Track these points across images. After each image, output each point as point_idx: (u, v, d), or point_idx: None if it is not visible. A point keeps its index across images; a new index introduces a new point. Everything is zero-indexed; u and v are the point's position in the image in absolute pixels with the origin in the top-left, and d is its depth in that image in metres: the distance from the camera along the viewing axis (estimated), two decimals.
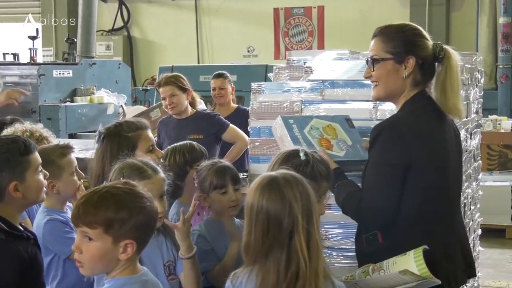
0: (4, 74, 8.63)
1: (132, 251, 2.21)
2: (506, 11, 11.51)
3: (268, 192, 2.33)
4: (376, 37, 3.04)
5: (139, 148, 3.48)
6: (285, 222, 2.28)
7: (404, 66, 2.95)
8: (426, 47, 2.98)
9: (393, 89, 3.03)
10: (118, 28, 15.28)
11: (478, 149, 4.55)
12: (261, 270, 2.28)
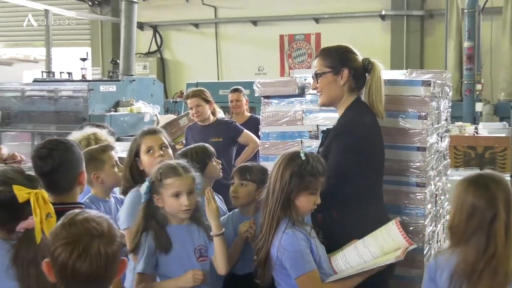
0: (61, 89, 8.66)
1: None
2: (470, 36, 11.46)
3: (474, 187, 2.38)
4: (317, 57, 3.18)
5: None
6: (487, 213, 2.32)
7: (340, 76, 3.07)
8: (356, 61, 3.13)
9: (333, 96, 3.14)
10: (152, 52, 15.30)
11: (447, 149, 4.53)
12: (463, 250, 2.31)
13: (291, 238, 2.69)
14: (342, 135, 3.04)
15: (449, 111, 4.58)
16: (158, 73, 14.72)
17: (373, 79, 3.13)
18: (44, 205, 2.41)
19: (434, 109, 3.78)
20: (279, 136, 3.85)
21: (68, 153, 2.91)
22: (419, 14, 13.26)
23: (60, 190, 2.91)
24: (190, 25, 15.05)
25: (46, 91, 8.74)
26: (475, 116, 11.16)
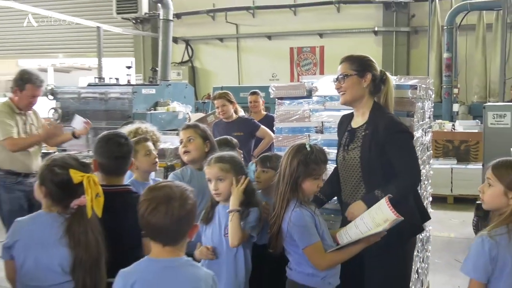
0: (110, 92, 8.70)
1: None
2: (448, 49, 11.44)
3: None
4: (344, 62, 3.09)
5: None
6: None
7: (364, 80, 3.01)
8: (377, 69, 3.08)
9: (357, 96, 3.06)
10: (185, 61, 15.32)
11: (430, 142, 4.52)
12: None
13: (299, 215, 2.69)
14: (398, 133, 3.00)
15: (432, 111, 4.57)
16: (189, 79, 14.75)
17: (389, 87, 3.12)
18: (94, 186, 2.44)
19: (419, 108, 3.77)
20: (290, 130, 3.86)
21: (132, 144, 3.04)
22: (406, 30, 13.21)
23: (120, 174, 2.97)
24: (216, 39, 15.04)
25: (98, 93, 8.78)
26: (452, 115, 11.15)
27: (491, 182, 2.36)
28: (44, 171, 2.50)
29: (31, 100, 4.80)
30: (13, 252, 2.47)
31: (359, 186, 3.06)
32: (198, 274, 2.07)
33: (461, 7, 11.47)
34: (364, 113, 3.09)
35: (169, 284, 2.01)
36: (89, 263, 2.43)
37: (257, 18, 14.47)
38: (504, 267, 2.23)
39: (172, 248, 2.05)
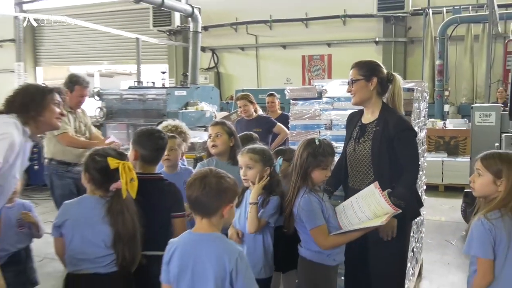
0: (147, 93, 8.74)
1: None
2: (440, 56, 11.35)
3: None
4: (353, 68, 3.05)
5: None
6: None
7: (370, 83, 2.96)
8: (383, 72, 3.02)
9: (364, 97, 3.03)
10: (211, 67, 15.32)
11: (424, 138, 4.49)
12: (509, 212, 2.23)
13: (307, 200, 2.69)
14: (406, 130, 2.98)
15: (426, 110, 4.54)
16: (215, 82, 14.74)
17: (395, 87, 3.07)
18: (129, 172, 2.48)
19: (416, 108, 3.74)
20: (303, 127, 3.84)
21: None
22: (403, 40, 13.04)
23: (156, 163, 3.00)
24: (238, 48, 15.00)
25: (137, 95, 8.83)
26: (444, 114, 11.05)
27: (481, 172, 2.33)
28: (87, 160, 2.55)
29: (80, 99, 4.84)
30: (62, 230, 2.51)
31: (368, 174, 3.04)
32: (224, 248, 2.10)
33: (452, 20, 11.37)
34: (374, 112, 3.06)
35: (198, 253, 2.08)
36: (126, 238, 2.47)
37: (274, 30, 14.40)
38: (499, 246, 2.22)
39: (208, 223, 2.11)
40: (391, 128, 2.94)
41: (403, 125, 2.98)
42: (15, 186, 2.73)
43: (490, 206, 2.27)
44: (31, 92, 2.66)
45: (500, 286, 2.25)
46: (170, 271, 2.13)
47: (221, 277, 2.03)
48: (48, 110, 2.67)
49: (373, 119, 3.05)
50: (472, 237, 2.27)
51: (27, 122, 2.59)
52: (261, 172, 2.86)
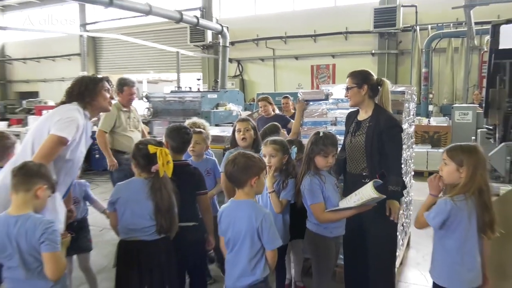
0: (185, 96, 8.77)
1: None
2: (426, 65, 11.14)
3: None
4: (349, 77, 3.00)
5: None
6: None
7: (362, 90, 2.91)
8: (372, 79, 2.96)
9: (357, 101, 3.02)
10: (237, 75, 15.31)
11: (413, 133, 4.40)
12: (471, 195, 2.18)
13: (309, 181, 2.68)
14: (393, 127, 2.94)
15: (414, 110, 4.45)
16: (240, 87, 14.74)
17: (384, 91, 3.01)
18: (165, 156, 2.51)
19: (406, 108, 3.67)
20: (313, 123, 3.81)
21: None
22: (395, 52, 12.84)
23: (183, 152, 2.99)
24: (259, 59, 14.94)
25: (177, 97, 8.87)
26: (428, 113, 10.87)
27: (446, 162, 2.26)
28: (134, 149, 2.58)
29: (129, 97, 4.84)
30: (116, 206, 2.53)
31: (362, 161, 3.02)
32: (253, 211, 2.25)
33: (436, 35, 11.19)
34: (367, 111, 3.03)
35: (236, 215, 2.28)
36: (164, 209, 2.48)
37: (288, 44, 14.31)
38: (460, 223, 2.17)
39: (242, 192, 2.30)
40: (381, 124, 2.91)
41: (391, 123, 2.94)
42: (82, 160, 2.74)
43: (456, 190, 2.19)
44: (85, 82, 2.69)
45: (463, 256, 2.20)
46: (221, 227, 2.35)
47: (250, 232, 2.21)
48: (100, 95, 2.70)
49: (366, 116, 3.03)
50: (433, 209, 2.23)
51: (85, 107, 2.65)
52: (282, 159, 2.93)
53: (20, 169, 2.04)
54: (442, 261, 2.26)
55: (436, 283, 2.29)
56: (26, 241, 1.94)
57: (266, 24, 14.50)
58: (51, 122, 2.47)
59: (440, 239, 2.26)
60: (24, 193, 2.00)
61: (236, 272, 2.26)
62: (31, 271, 1.98)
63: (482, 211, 2.16)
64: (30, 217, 1.97)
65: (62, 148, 2.45)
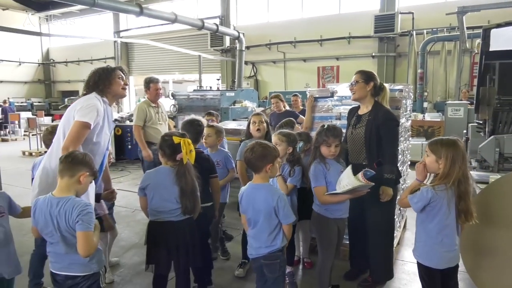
0: (206, 94, 8.76)
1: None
2: (421, 67, 10.96)
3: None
4: (357, 73, 2.96)
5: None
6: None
7: (368, 86, 2.88)
8: (377, 81, 2.93)
9: (362, 95, 2.96)
10: (251, 76, 15.24)
11: (409, 127, 4.32)
12: (451, 185, 2.13)
13: (314, 167, 2.69)
14: (390, 120, 2.89)
15: (411, 106, 4.36)
16: (254, 86, 14.67)
17: (385, 93, 3.00)
18: (188, 145, 2.52)
19: (404, 104, 3.60)
20: (319, 118, 3.76)
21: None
22: (393, 55, 12.61)
23: (197, 142, 3.00)
24: (271, 62, 14.83)
25: (199, 95, 8.87)
26: (423, 109, 10.67)
27: (428, 154, 2.21)
28: (160, 141, 2.57)
29: (156, 93, 4.81)
30: (146, 191, 2.53)
31: (362, 151, 2.99)
32: (269, 192, 2.31)
33: (430, 39, 10.96)
34: (368, 106, 3.00)
35: (254, 196, 2.33)
36: (188, 192, 2.48)
37: (297, 48, 14.16)
38: (440, 210, 2.15)
39: (258, 176, 2.34)
40: (380, 118, 2.88)
41: (389, 116, 2.90)
42: (108, 141, 2.75)
43: (437, 180, 2.16)
44: (99, 73, 2.69)
45: (443, 239, 2.18)
46: (242, 207, 2.40)
47: (268, 210, 2.27)
48: (114, 83, 2.70)
49: (366, 111, 2.99)
50: (416, 194, 2.19)
51: (103, 94, 2.66)
52: (286, 149, 2.92)
53: (67, 157, 2.06)
54: (423, 242, 2.25)
55: (419, 263, 2.29)
56: (65, 220, 1.96)
57: (277, 30, 14.37)
58: (75, 111, 2.51)
59: (422, 222, 2.24)
60: (68, 178, 2.01)
61: (258, 243, 2.33)
62: (69, 246, 2.00)
63: (459, 200, 2.13)
64: (70, 199, 1.98)
65: (87, 131, 2.47)
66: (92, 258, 2.04)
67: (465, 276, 2.92)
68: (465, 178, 2.12)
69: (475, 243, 2.66)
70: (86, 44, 19.47)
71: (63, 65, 21.65)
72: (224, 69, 15.75)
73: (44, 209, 2.00)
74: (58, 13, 20.37)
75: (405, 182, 4.07)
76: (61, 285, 2.04)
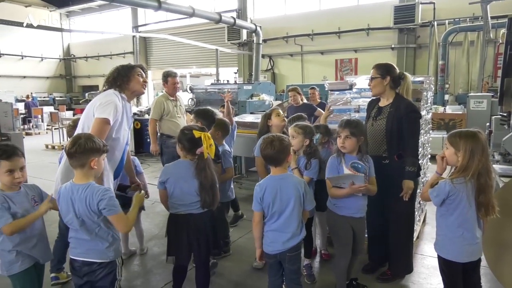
0: (224, 88, 8.78)
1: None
2: (442, 58, 10.64)
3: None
4: (373, 69, 2.93)
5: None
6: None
7: (385, 80, 2.83)
8: (395, 72, 2.88)
9: (379, 90, 2.94)
10: (268, 69, 15.18)
11: (430, 119, 4.24)
12: (470, 178, 2.08)
13: (330, 160, 2.71)
14: (412, 113, 2.85)
15: (432, 98, 4.28)
16: (271, 80, 14.63)
17: (406, 83, 2.93)
18: (208, 140, 2.51)
19: (425, 96, 3.54)
20: (338, 111, 3.73)
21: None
22: (413, 46, 12.36)
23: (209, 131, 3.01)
24: (288, 55, 14.76)
25: (217, 89, 8.90)
26: (444, 102, 10.43)
27: (447, 146, 2.18)
28: (179, 134, 2.58)
29: (174, 86, 4.86)
30: (166, 185, 2.54)
31: (382, 144, 2.95)
32: (296, 180, 2.34)
33: (452, 30, 10.65)
34: (388, 99, 2.96)
35: (281, 186, 2.29)
36: (207, 186, 2.49)
37: (314, 41, 14.03)
38: (460, 203, 2.11)
39: (279, 168, 2.33)
40: (401, 110, 2.83)
41: (411, 108, 2.85)
42: (127, 136, 2.80)
43: (456, 173, 2.13)
44: (118, 70, 2.75)
45: (463, 232, 2.15)
46: (264, 202, 2.30)
47: (298, 197, 2.28)
48: (133, 80, 2.74)
49: (387, 103, 2.95)
50: (435, 188, 2.17)
51: (121, 91, 2.70)
52: (302, 141, 2.91)
53: (70, 150, 2.05)
54: (444, 236, 2.21)
55: (440, 256, 2.25)
56: (86, 206, 2.01)
57: (294, 23, 14.26)
58: (94, 107, 2.55)
59: (442, 215, 2.21)
60: (81, 168, 2.05)
61: (287, 236, 2.27)
62: (89, 232, 2.06)
63: (479, 193, 2.08)
64: (89, 186, 2.03)
65: (108, 127, 2.50)
66: (109, 246, 2.09)
67: (487, 271, 2.87)
68: (486, 171, 2.07)
69: (497, 238, 2.60)
70: (105, 39, 19.77)
71: (83, 60, 22.06)
72: (241, 62, 15.75)
73: (66, 196, 2.07)
74: (78, 9, 20.72)
75: (425, 175, 4.01)
76: (77, 271, 2.11)
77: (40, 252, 2.23)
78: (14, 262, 2.14)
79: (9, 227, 2.06)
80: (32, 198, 2.21)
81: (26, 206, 2.16)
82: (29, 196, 2.20)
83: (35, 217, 2.16)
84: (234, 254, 3.67)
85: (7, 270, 2.15)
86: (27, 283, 2.19)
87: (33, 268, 2.22)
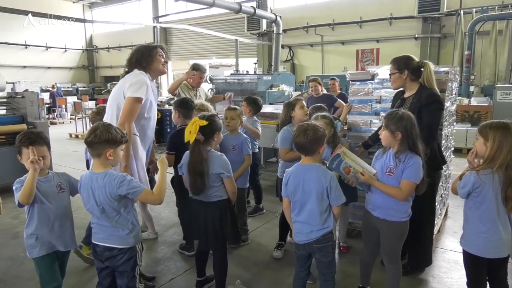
0: (244, 78, 8.76)
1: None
2: (468, 48, 10.30)
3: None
4: (391, 63, 2.92)
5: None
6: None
7: (403, 75, 2.83)
8: (413, 63, 2.86)
9: (399, 85, 2.96)
10: (288, 60, 15.07)
11: (454, 111, 4.13)
12: (497, 170, 2.02)
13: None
14: (433, 103, 2.78)
15: (457, 89, 4.15)
16: (291, 70, 14.54)
17: (425, 72, 2.84)
18: (191, 126, 2.50)
19: (449, 87, 3.45)
20: (359, 101, 3.67)
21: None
22: (438, 36, 11.99)
23: (191, 118, 3.05)
24: (308, 45, 14.59)
25: (236, 79, 8.88)
26: (469, 94, 10.13)
27: (477, 137, 2.13)
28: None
29: (199, 81, 4.96)
30: (183, 170, 2.62)
31: None
32: (322, 172, 2.27)
33: (480, 19, 10.26)
34: (412, 90, 2.92)
35: (305, 177, 2.27)
36: (197, 172, 2.52)
37: (335, 31, 13.83)
38: (486, 196, 2.06)
39: (310, 158, 2.30)
40: (423, 99, 2.80)
41: (433, 98, 2.79)
42: (156, 114, 2.86)
43: (482, 164, 2.08)
44: (141, 50, 2.79)
45: (490, 227, 2.09)
46: (288, 189, 2.32)
47: (320, 190, 2.23)
48: (155, 60, 2.78)
49: (411, 94, 2.92)
50: (462, 180, 2.15)
51: (146, 71, 2.75)
52: (330, 131, 2.94)
53: (87, 139, 2.09)
54: (470, 230, 2.16)
55: (465, 250, 2.20)
56: (105, 193, 2.07)
57: (315, 12, 14.07)
58: (124, 88, 2.59)
59: (469, 209, 2.16)
60: (97, 158, 2.09)
61: (309, 228, 2.27)
62: (110, 218, 2.12)
63: (507, 186, 2.00)
64: (107, 174, 2.08)
65: (139, 106, 2.56)
66: (129, 232, 2.14)
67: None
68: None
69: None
70: (126, 30, 20.00)
71: (105, 51, 22.41)
72: (261, 53, 15.68)
73: (86, 184, 2.14)
74: (100, 0, 21.00)
75: (448, 168, 3.93)
76: (99, 256, 2.17)
77: (61, 239, 2.24)
78: (34, 246, 2.19)
79: (20, 195, 2.10)
80: (58, 184, 2.27)
81: (48, 191, 2.21)
82: (55, 182, 2.27)
83: (31, 179, 2.11)
84: (253, 243, 3.70)
85: (29, 253, 2.22)
86: (43, 269, 2.22)
87: (53, 255, 2.24)
